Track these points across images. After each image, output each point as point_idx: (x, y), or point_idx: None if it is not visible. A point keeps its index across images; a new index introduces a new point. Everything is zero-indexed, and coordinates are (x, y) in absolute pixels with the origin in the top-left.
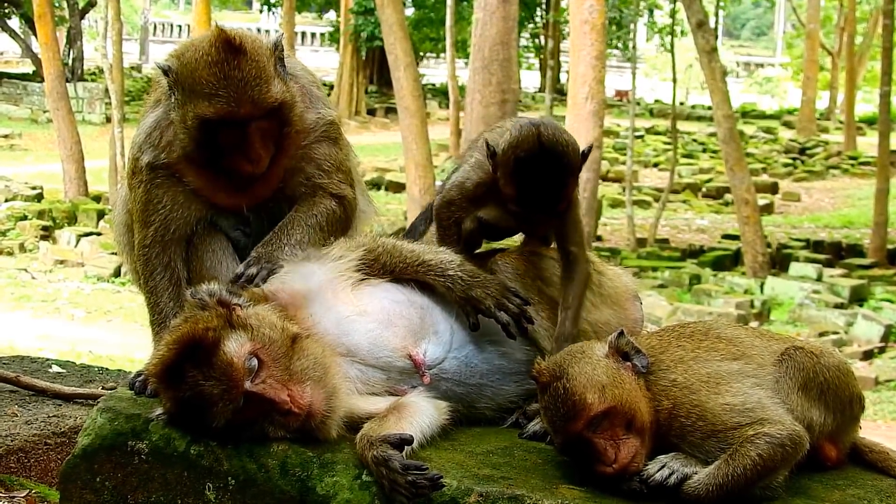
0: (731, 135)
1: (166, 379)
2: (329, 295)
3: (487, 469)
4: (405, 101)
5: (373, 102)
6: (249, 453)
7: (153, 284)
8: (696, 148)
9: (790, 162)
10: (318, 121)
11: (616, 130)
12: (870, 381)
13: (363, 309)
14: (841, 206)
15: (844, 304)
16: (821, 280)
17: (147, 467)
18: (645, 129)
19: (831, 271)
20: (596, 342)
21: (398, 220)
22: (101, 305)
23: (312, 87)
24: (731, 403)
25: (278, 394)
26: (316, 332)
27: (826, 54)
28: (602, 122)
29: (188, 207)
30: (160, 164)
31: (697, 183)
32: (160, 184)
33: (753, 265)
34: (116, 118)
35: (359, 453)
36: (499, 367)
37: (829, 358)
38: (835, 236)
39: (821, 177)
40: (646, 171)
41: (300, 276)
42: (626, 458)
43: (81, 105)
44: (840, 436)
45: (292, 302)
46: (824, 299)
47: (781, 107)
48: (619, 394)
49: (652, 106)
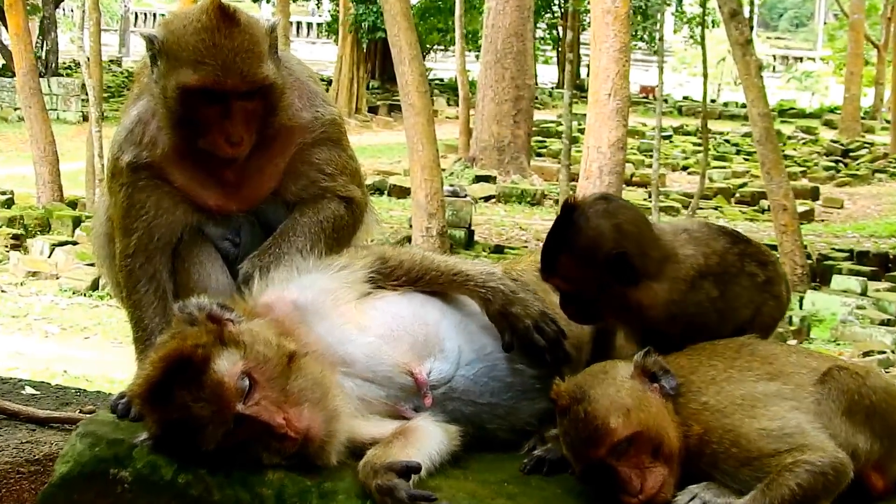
0: (767, 135)
1: (152, 400)
2: (329, 307)
3: (502, 499)
4: (410, 98)
5: (375, 99)
6: (242, 482)
7: (137, 298)
8: (729, 149)
9: (832, 165)
10: (315, 120)
11: (641, 130)
12: None
13: (364, 324)
14: (888, 213)
15: (892, 321)
16: (866, 294)
17: (131, 497)
18: (673, 129)
19: (877, 285)
20: (620, 361)
21: (402, 228)
22: (78, 321)
23: (309, 82)
24: (768, 428)
25: (273, 416)
26: (314, 348)
27: (871, 47)
28: (626, 121)
29: (173, 213)
30: (143, 164)
31: (730, 188)
32: (143, 187)
33: (792, 278)
34: (94, 116)
35: (362, 482)
36: (510, 384)
37: (875, 379)
38: (881, 246)
39: (865, 181)
40: (674, 174)
41: (299, 287)
42: (652, 488)
43: (56, 102)
44: (887, 463)
45: (289, 315)
46: (869, 315)
47: (822, 105)
48: (645, 418)
49: (681, 103)
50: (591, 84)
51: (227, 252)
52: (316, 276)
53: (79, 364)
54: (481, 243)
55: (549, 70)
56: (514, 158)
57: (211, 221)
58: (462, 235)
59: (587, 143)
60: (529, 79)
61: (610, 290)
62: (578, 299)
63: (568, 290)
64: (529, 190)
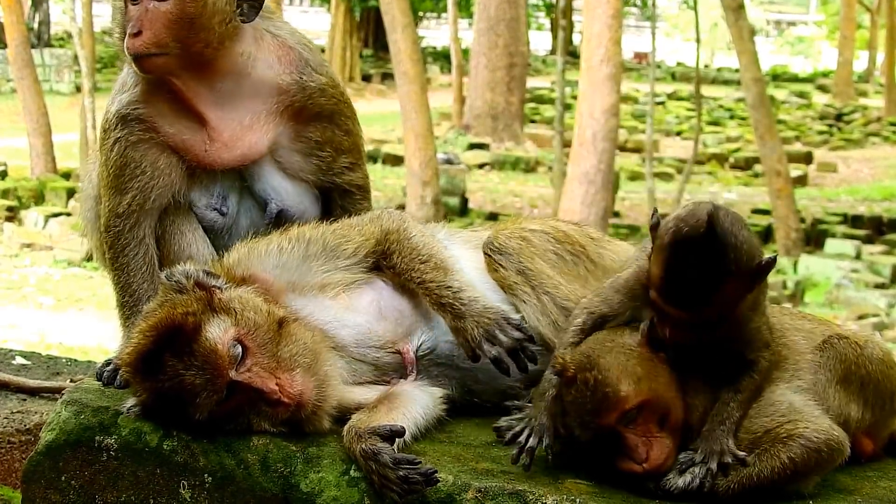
0: (760, 100)
1: (142, 369)
2: (317, 288)
3: (487, 462)
4: (403, 66)
5: (368, 68)
6: (227, 448)
7: (125, 261)
8: (723, 115)
9: (826, 129)
10: (298, 84)
11: (635, 96)
12: None
13: (353, 303)
14: (881, 176)
15: (886, 285)
16: (860, 258)
17: (116, 464)
18: (666, 95)
19: (871, 248)
20: (626, 330)
21: (396, 197)
22: (72, 292)
23: (301, 49)
24: (768, 398)
25: (266, 382)
26: (302, 315)
27: (864, 10)
28: (619, 88)
29: (168, 174)
30: (134, 115)
31: (724, 153)
32: (136, 144)
33: (786, 242)
34: (87, 87)
35: (346, 447)
36: None
37: (872, 349)
38: (875, 210)
39: (859, 145)
40: (667, 140)
41: (285, 268)
42: (658, 458)
43: (48, 73)
44: (878, 430)
45: (274, 287)
46: (864, 279)
47: (816, 69)
48: (655, 387)
49: (674, 69)
50: (584, 50)
51: (215, 223)
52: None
53: (73, 335)
54: (475, 211)
55: (543, 37)
56: (507, 126)
57: (199, 186)
58: (456, 203)
59: (580, 110)
60: (522, 46)
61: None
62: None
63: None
64: (523, 157)
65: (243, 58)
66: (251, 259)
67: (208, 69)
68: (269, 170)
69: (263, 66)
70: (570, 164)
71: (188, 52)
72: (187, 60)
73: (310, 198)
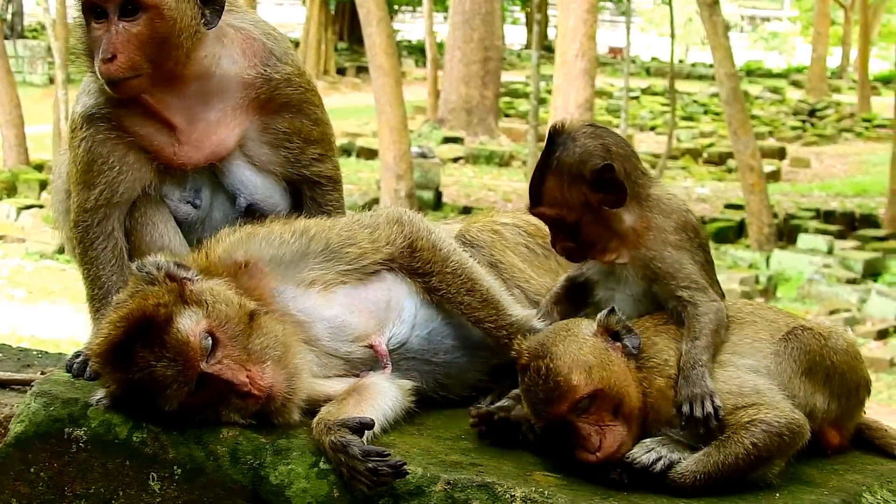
0: (734, 95)
1: (113, 360)
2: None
3: (456, 455)
4: (378, 60)
5: (343, 61)
6: (197, 440)
7: (94, 255)
8: (697, 110)
9: (799, 125)
10: (262, 77)
11: (609, 91)
12: (884, 363)
13: (329, 295)
14: (854, 172)
15: (857, 280)
16: (832, 253)
17: (86, 456)
18: (640, 90)
19: (843, 244)
20: (583, 319)
21: (371, 190)
22: (45, 285)
23: (266, 40)
24: (727, 385)
25: (236, 374)
26: (275, 308)
27: (838, 7)
28: (593, 82)
29: (138, 169)
30: (99, 114)
31: (698, 148)
32: (103, 140)
33: (759, 237)
34: (60, 79)
35: (315, 439)
36: (465, 342)
37: (837, 340)
38: (847, 206)
39: (832, 141)
40: (641, 135)
41: (282, 261)
42: (611, 446)
43: (22, 65)
44: (844, 422)
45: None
46: (835, 274)
47: (789, 64)
48: (606, 376)
49: (648, 64)
50: (559, 45)
51: (188, 216)
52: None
53: (45, 327)
54: (449, 205)
55: (517, 31)
56: (482, 119)
57: (171, 181)
58: (430, 197)
59: (555, 104)
60: (497, 40)
61: (597, 214)
62: (566, 229)
63: (554, 217)
64: (497, 151)
65: (208, 59)
66: (250, 244)
67: (177, 80)
68: (239, 164)
69: (227, 63)
70: None
71: (160, 70)
72: (158, 78)
73: (279, 191)
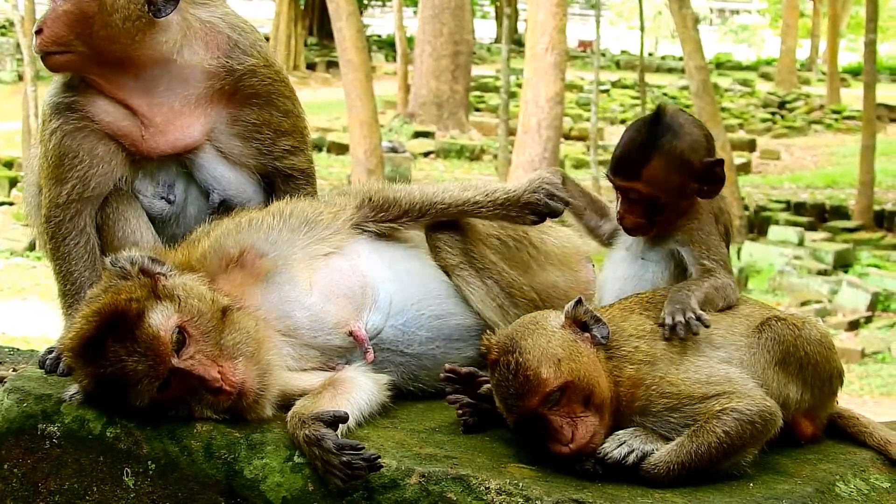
0: (704, 88)
1: (84, 354)
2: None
3: (430, 448)
4: (348, 54)
5: (313, 56)
6: (171, 435)
7: (66, 250)
8: (667, 102)
9: (769, 117)
10: (224, 68)
11: (579, 84)
12: (855, 354)
13: (313, 280)
14: (824, 164)
15: (828, 271)
16: (802, 245)
17: (59, 452)
18: (611, 83)
19: (814, 235)
20: (551, 311)
21: (341, 185)
22: (15, 282)
23: (230, 32)
24: (696, 374)
25: (208, 370)
26: (249, 304)
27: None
28: (563, 76)
29: (109, 163)
30: (66, 104)
31: None
32: (73, 133)
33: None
34: (29, 76)
35: (290, 433)
36: (438, 334)
37: (810, 330)
38: (817, 197)
39: (802, 133)
40: (612, 128)
41: (275, 244)
42: (583, 437)
43: None
44: (817, 411)
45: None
46: (806, 265)
47: (759, 57)
48: (576, 367)
49: (618, 57)
50: (529, 39)
51: (162, 211)
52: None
53: (16, 325)
54: None
55: (487, 25)
56: (452, 114)
57: (144, 175)
58: None
59: (525, 98)
60: (467, 34)
61: (685, 199)
62: (651, 208)
63: (646, 195)
64: (468, 145)
65: (167, 45)
66: (240, 235)
67: (127, 62)
68: (210, 158)
69: (189, 53)
70: (514, 152)
71: (95, 49)
72: (97, 58)
73: (253, 185)
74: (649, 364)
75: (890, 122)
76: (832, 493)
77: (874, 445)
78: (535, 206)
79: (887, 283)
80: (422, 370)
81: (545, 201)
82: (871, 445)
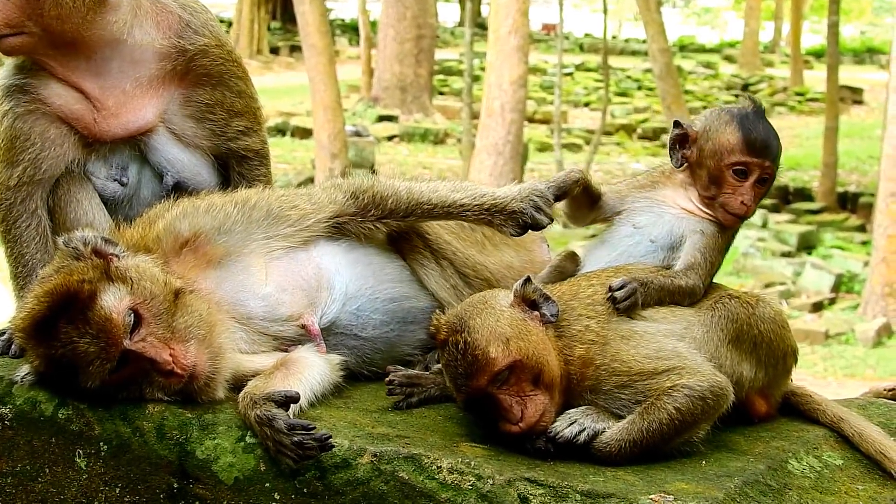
0: (667, 70)
1: (36, 335)
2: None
3: (383, 427)
4: (311, 39)
5: (276, 40)
6: (123, 416)
7: (17, 233)
8: (631, 85)
9: (732, 99)
10: (175, 49)
11: (543, 67)
12: (819, 335)
13: (268, 270)
14: (787, 146)
15: (792, 253)
16: (766, 227)
17: (11, 434)
18: (574, 66)
19: (777, 217)
20: (500, 290)
21: (305, 169)
22: None
23: (181, 12)
24: (646, 349)
25: (160, 353)
26: (202, 287)
27: None
28: (527, 59)
29: (61, 146)
30: (17, 86)
31: (632, 123)
32: (24, 115)
33: None
34: None
35: (241, 413)
36: (391, 317)
37: (764, 308)
38: (781, 179)
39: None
40: (575, 111)
41: (230, 233)
42: (533, 415)
43: None
44: (771, 390)
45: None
46: (770, 248)
47: (722, 39)
48: (524, 346)
49: (581, 40)
50: (492, 22)
51: (115, 193)
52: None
53: None
54: None
55: (451, 8)
56: (416, 98)
57: (97, 157)
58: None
59: (488, 81)
60: (430, 17)
61: None
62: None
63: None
64: (432, 129)
65: (118, 25)
66: (195, 218)
67: (78, 44)
68: (164, 140)
69: (140, 33)
70: (478, 136)
71: (48, 31)
72: (50, 39)
73: (207, 167)
74: (600, 344)
75: (853, 103)
76: (784, 470)
77: (827, 423)
78: (520, 216)
79: (851, 264)
80: (376, 353)
81: (531, 213)
82: (824, 423)
